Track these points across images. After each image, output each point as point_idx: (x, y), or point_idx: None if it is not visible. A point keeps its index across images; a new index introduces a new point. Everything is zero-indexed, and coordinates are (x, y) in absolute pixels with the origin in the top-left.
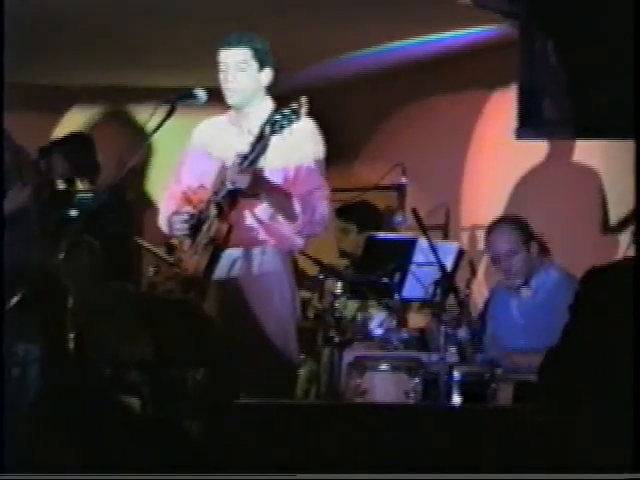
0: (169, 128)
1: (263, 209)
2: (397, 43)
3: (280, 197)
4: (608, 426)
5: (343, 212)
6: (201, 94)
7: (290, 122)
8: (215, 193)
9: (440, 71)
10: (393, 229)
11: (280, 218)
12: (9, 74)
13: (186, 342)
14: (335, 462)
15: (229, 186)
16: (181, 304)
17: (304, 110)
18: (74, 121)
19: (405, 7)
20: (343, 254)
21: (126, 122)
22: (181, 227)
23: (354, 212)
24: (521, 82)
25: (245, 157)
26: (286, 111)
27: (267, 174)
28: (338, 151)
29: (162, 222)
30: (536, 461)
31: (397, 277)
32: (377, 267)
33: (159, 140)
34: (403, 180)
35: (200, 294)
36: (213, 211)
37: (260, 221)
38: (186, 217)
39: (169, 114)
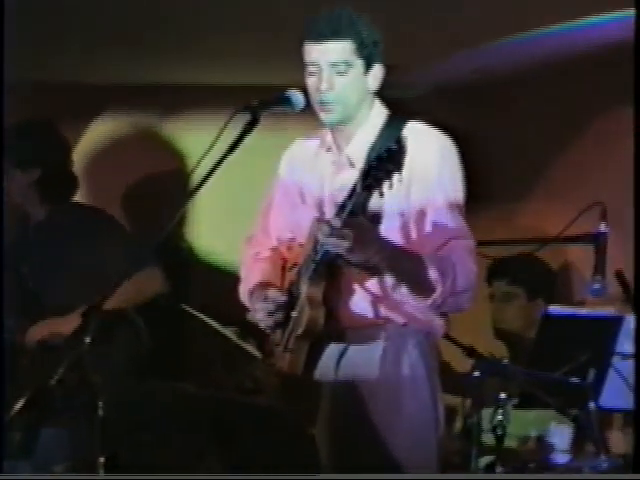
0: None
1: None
2: (592, 18)
3: (405, 261)
4: None
5: (504, 270)
6: (297, 97)
7: (388, 174)
8: (307, 259)
9: None
10: (581, 301)
11: (407, 293)
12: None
13: (276, 467)
14: None
15: (323, 249)
16: (269, 413)
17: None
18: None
19: None
20: (500, 334)
21: (178, 134)
22: (264, 320)
23: (521, 271)
24: None
25: (343, 206)
26: (382, 154)
27: (382, 226)
28: (493, 186)
29: (244, 295)
30: None
31: (592, 374)
32: (559, 359)
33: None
34: (602, 227)
35: (296, 399)
36: (304, 288)
37: (376, 294)
38: (271, 307)
39: (250, 126)
